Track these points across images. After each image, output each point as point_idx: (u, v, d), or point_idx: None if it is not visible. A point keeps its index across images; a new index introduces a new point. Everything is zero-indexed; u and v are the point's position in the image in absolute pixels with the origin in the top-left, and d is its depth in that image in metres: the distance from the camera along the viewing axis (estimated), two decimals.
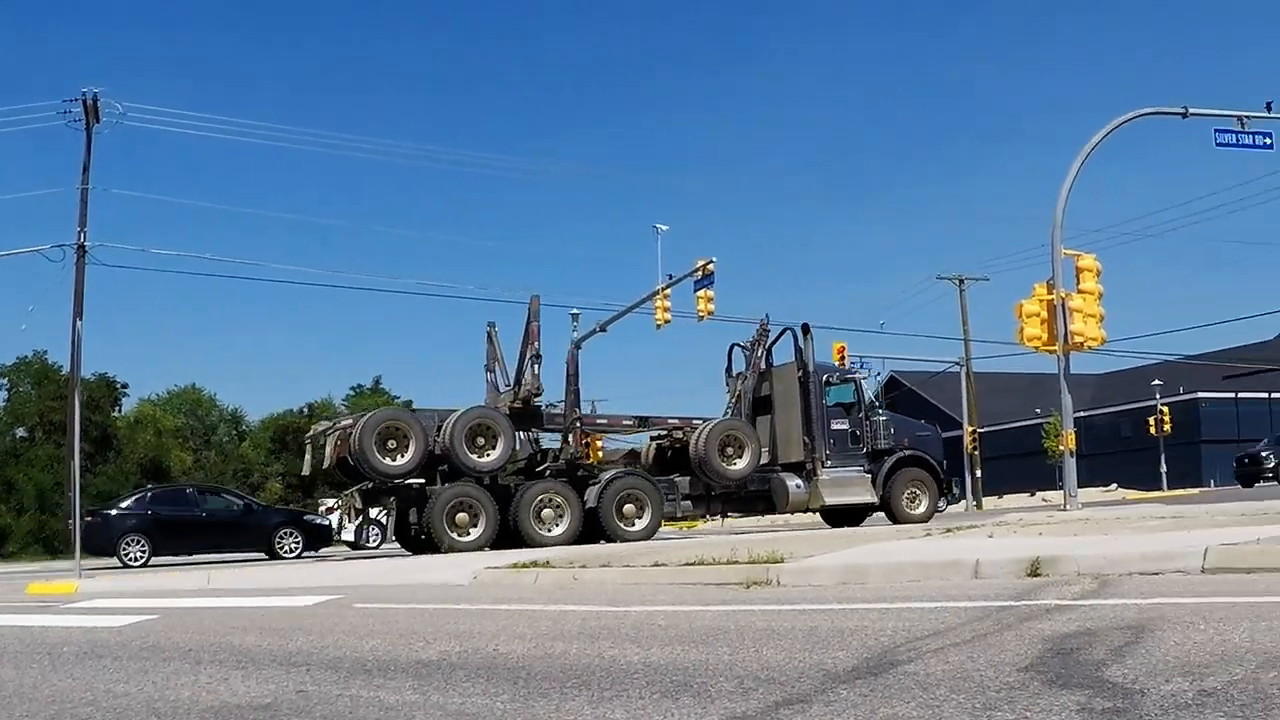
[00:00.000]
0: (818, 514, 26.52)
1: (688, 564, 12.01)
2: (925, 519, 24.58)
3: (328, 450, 23.04)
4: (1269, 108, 25.85)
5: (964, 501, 56.16)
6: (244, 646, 8.20)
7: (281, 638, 8.70)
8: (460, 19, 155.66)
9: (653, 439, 26.20)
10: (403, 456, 22.14)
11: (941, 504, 31.00)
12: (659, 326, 41.30)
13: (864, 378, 27.65)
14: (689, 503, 24.70)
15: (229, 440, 75.38)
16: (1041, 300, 23.86)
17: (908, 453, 26.12)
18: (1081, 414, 62.55)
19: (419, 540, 23.11)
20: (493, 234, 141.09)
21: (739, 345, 27.36)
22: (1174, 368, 72.09)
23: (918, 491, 25.91)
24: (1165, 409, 67.00)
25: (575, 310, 47.21)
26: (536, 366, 24.27)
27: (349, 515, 24.01)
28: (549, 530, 22.56)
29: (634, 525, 23.15)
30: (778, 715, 4.49)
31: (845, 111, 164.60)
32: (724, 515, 26.64)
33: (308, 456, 25.31)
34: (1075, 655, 5.25)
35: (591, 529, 22.95)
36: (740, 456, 24.50)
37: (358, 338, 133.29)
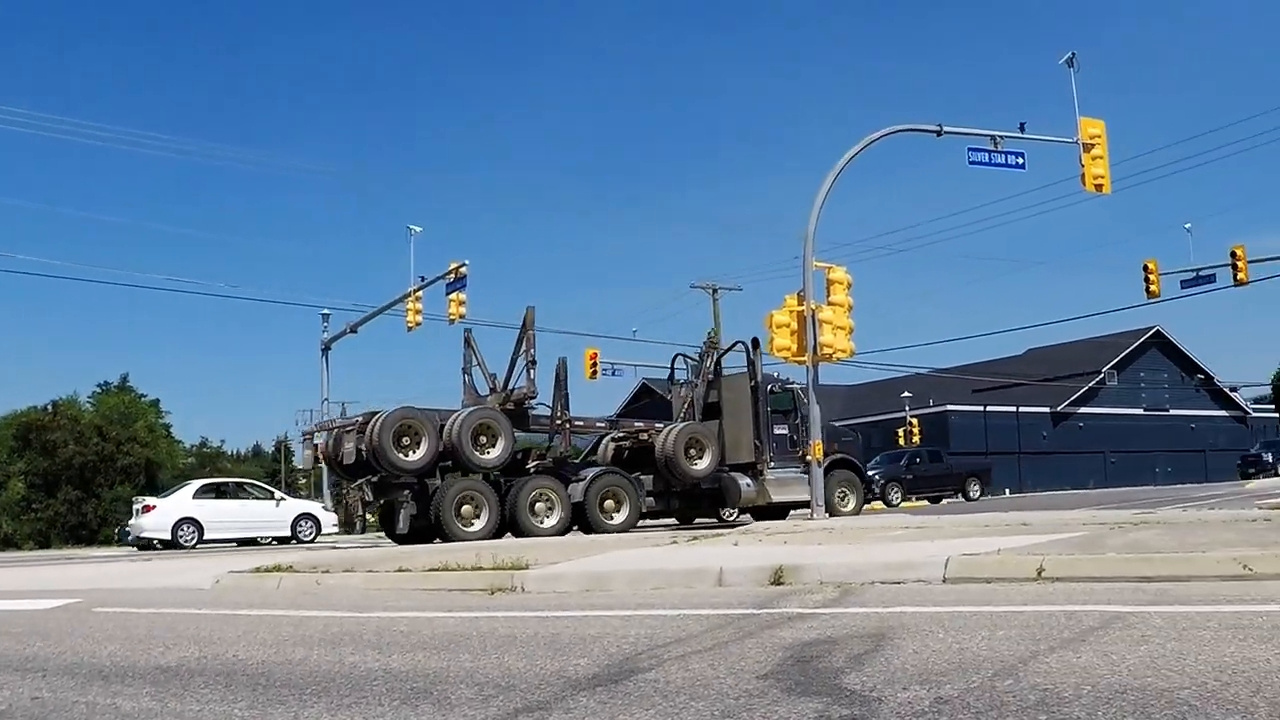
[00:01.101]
0: (748, 511, 28.83)
1: (432, 569, 11.99)
2: (855, 514, 27.35)
3: (347, 447, 24.52)
4: (1022, 128, 26.90)
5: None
6: None
7: (17, 642, 8.41)
8: (227, 15, 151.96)
9: (613, 439, 27.95)
10: (415, 452, 23.98)
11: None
12: (410, 329, 41.21)
13: (802, 387, 28.83)
14: (651, 499, 26.92)
15: None
16: (792, 311, 24.36)
17: (838, 456, 28.72)
18: (832, 425, 64.28)
19: (410, 533, 24.48)
20: (244, 231, 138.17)
21: (683, 355, 30.27)
22: (924, 380, 74.79)
23: (847, 491, 28.82)
24: (915, 421, 69.48)
25: (326, 310, 47.06)
26: (531, 371, 26.12)
27: (358, 508, 25.18)
28: (542, 522, 24.50)
29: (613, 518, 25.33)
30: None
31: (603, 120, 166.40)
32: (681, 511, 28.53)
33: (306, 452, 27.49)
34: (815, 663, 5.38)
35: (578, 521, 25.09)
36: (701, 457, 26.78)
37: (104, 334, 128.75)
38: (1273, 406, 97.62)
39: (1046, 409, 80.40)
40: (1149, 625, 5.95)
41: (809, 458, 25.48)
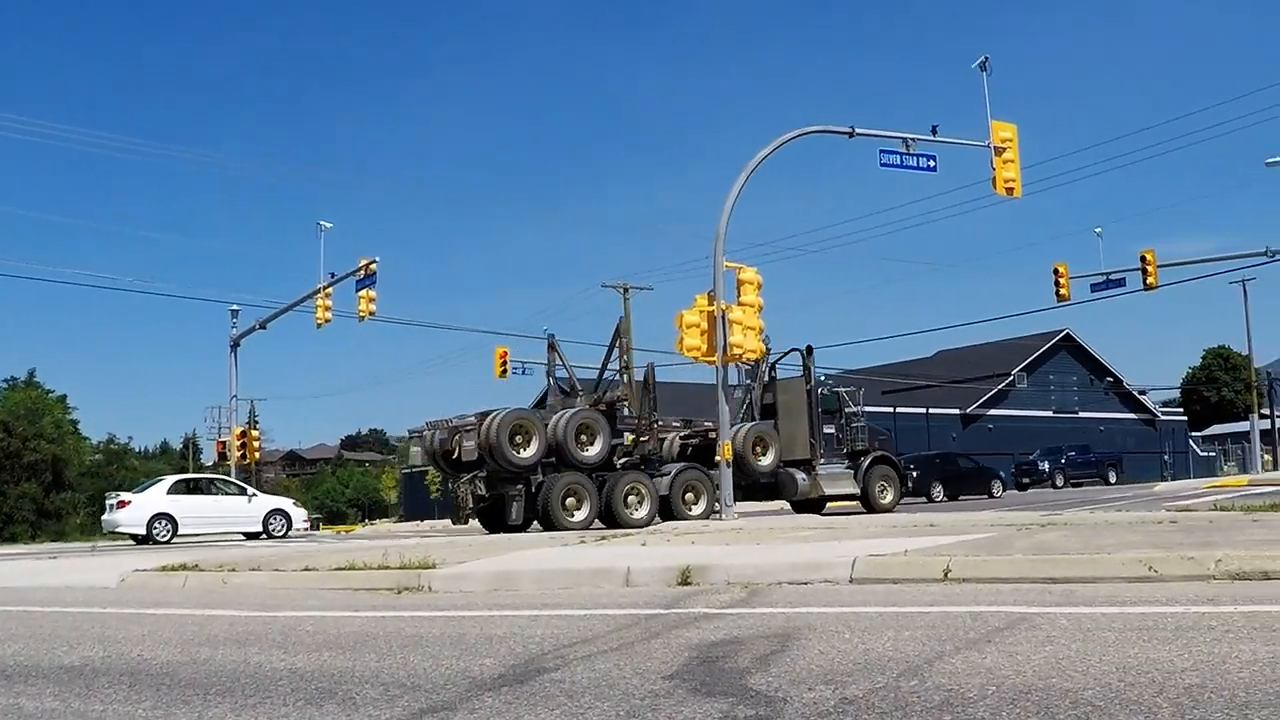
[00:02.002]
0: (789, 504, 31.79)
1: (338, 569, 11.95)
2: (891, 508, 30.52)
3: (468, 444, 26.37)
4: (934, 131, 27.15)
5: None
6: None
7: None
8: (139, 10, 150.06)
9: (680, 437, 30.01)
10: (526, 450, 26.16)
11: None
12: (320, 325, 40.98)
13: (847, 390, 32.95)
14: (719, 491, 28.37)
15: None
16: (702, 311, 24.41)
17: (879, 453, 32.02)
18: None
19: (503, 522, 26.49)
20: (154, 226, 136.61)
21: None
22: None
23: (886, 485, 31.77)
24: None
25: (235, 307, 46.56)
26: (626, 376, 29.24)
27: (468, 501, 26.74)
28: (634, 513, 26.40)
29: (693, 510, 27.40)
30: None
31: (517, 123, 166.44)
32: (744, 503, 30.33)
33: (416, 449, 29.79)
34: (721, 663, 5.41)
35: (663, 511, 26.96)
36: (766, 454, 29.21)
37: (10, 329, 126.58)
38: (1181, 410, 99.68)
39: (956, 411, 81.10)
40: (1054, 626, 6.03)
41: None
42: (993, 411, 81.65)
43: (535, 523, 26.27)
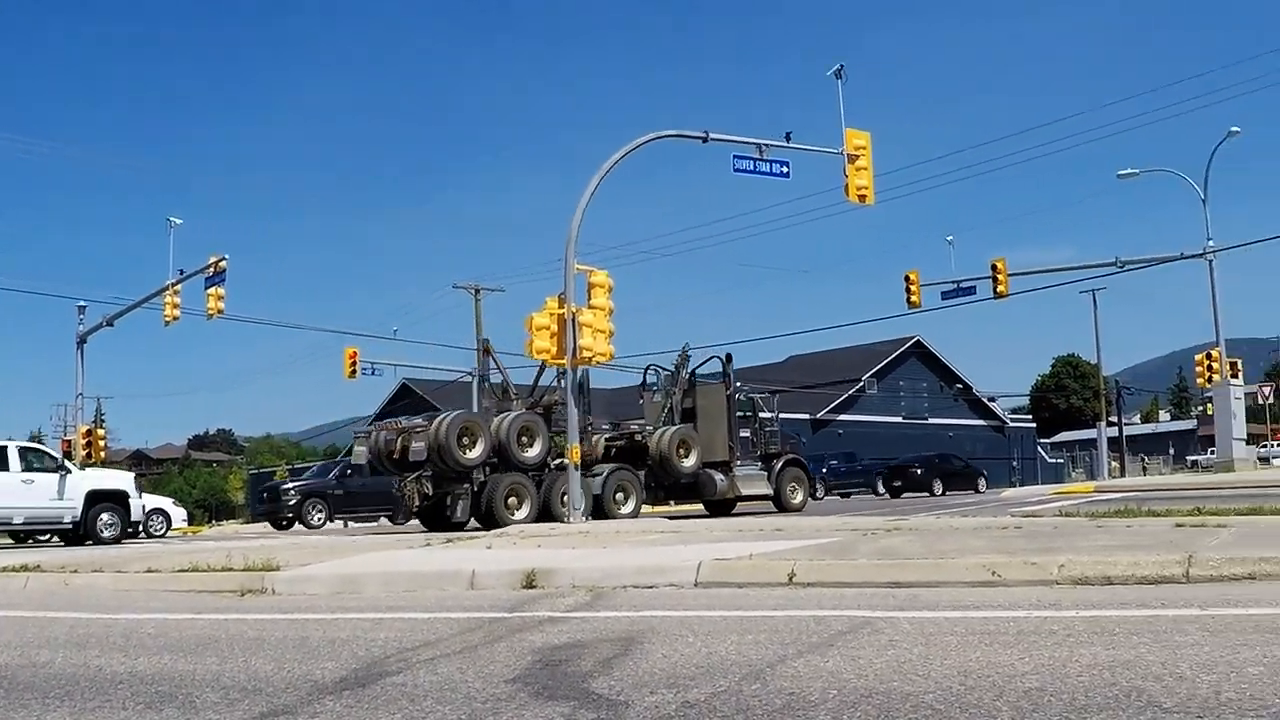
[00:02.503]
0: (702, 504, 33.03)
1: (181, 570, 11.82)
2: (801, 508, 32.42)
3: (416, 445, 26.88)
4: (788, 138, 27.44)
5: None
6: None
7: None
8: None
9: (606, 439, 30.89)
10: (473, 450, 26.92)
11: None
12: (168, 323, 40.20)
13: (761, 396, 35.23)
14: (644, 491, 30.26)
15: None
16: (552, 314, 24.42)
17: (790, 456, 33.60)
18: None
19: (444, 520, 27.31)
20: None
21: (655, 366, 34.14)
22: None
23: (797, 486, 33.34)
24: None
25: (82, 303, 45.44)
26: (561, 381, 28.43)
27: (414, 499, 27.50)
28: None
29: (623, 509, 28.59)
30: None
31: (367, 123, 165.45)
32: (666, 503, 31.83)
33: (361, 449, 29.60)
34: (564, 667, 5.43)
35: (596, 510, 27.39)
36: (688, 456, 30.42)
37: None
38: (1030, 416, 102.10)
39: (806, 416, 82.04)
40: (897, 630, 6.12)
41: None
42: (843, 417, 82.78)
43: (474, 520, 27.14)
